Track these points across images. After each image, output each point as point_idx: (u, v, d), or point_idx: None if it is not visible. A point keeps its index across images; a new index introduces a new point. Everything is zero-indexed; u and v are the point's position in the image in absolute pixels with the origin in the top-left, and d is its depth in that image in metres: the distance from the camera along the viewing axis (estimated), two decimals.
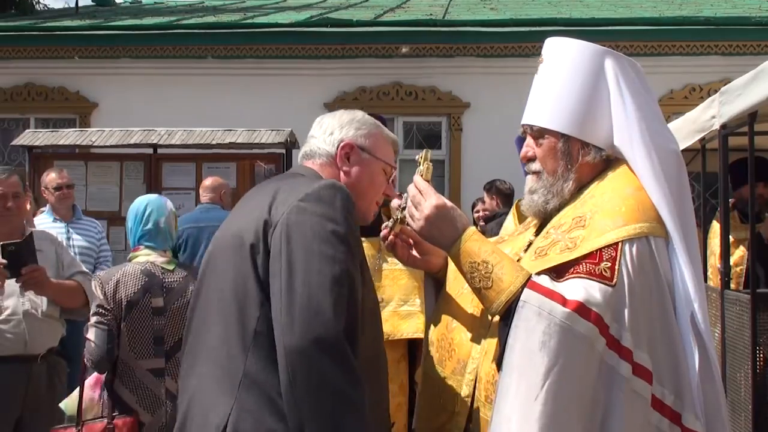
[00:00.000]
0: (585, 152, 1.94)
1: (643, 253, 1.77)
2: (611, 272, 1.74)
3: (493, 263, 1.81)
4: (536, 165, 1.99)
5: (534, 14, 10.07)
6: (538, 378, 1.68)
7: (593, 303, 1.70)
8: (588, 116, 1.93)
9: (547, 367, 1.68)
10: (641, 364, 1.72)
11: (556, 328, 1.69)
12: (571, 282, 1.75)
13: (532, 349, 1.70)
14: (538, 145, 1.98)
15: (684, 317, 1.80)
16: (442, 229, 1.90)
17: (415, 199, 1.94)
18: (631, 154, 1.89)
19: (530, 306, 1.73)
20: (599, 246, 1.76)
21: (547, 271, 1.80)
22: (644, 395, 1.73)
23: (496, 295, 1.79)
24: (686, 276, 1.80)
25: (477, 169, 8.52)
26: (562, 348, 1.68)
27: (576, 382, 1.69)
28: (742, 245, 5.27)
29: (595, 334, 1.70)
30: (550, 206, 1.96)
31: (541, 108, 1.98)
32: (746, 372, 4.30)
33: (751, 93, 4.10)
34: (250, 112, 8.74)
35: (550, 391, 1.67)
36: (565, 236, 1.84)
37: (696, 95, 8.70)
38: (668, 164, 1.87)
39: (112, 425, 3.13)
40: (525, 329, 1.72)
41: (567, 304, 1.70)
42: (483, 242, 1.88)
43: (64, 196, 5.45)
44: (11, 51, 9.67)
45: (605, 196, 1.87)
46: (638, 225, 1.79)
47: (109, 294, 3.20)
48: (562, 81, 1.96)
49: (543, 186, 1.97)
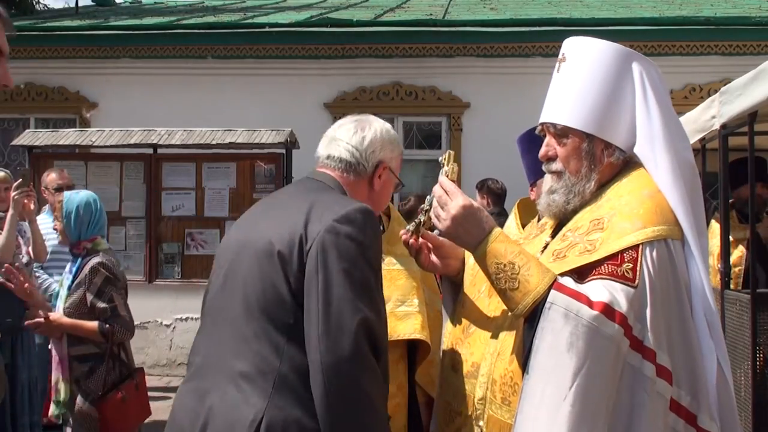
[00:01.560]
0: (609, 153, 1.93)
1: (662, 256, 1.78)
2: (633, 273, 1.75)
3: (520, 264, 1.81)
4: (557, 165, 1.97)
5: (534, 14, 10.07)
6: (567, 379, 1.68)
7: (618, 304, 1.71)
8: (612, 117, 1.92)
9: (576, 368, 1.68)
10: (663, 365, 1.73)
11: (584, 330, 1.69)
12: (594, 283, 1.75)
13: (559, 350, 1.70)
14: (561, 145, 1.96)
15: (701, 319, 1.81)
16: (469, 230, 1.90)
17: (442, 199, 1.95)
18: (652, 157, 1.89)
19: (557, 307, 1.73)
20: (620, 248, 1.77)
21: (569, 272, 1.80)
22: (666, 396, 1.74)
23: (522, 296, 1.79)
24: (702, 278, 1.82)
25: (477, 169, 8.50)
26: (589, 349, 1.69)
27: (604, 383, 1.70)
28: (740, 245, 5.27)
29: (621, 336, 1.70)
30: (571, 206, 1.95)
31: (564, 107, 1.96)
32: (746, 372, 4.30)
33: (751, 93, 4.10)
34: (250, 112, 8.74)
35: (579, 392, 1.67)
36: (584, 238, 1.84)
37: (696, 95, 8.70)
38: (686, 169, 1.88)
39: (125, 390, 3.63)
40: (552, 330, 1.73)
41: (593, 306, 1.70)
42: (509, 243, 1.88)
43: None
44: (11, 51, 9.59)
45: (623, 199, 1.86)
46: (657, 227, 1.79)
47: (120, 276, 3.75)
48: (587, 80, 1.94)
49: (564, 186, 1.95)
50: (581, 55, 1.98)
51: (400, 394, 2.75)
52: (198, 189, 7.56)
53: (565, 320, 1.71)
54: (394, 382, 2.73)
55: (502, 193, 6.53)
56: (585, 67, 1.95)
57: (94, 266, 3.65)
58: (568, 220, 1.97)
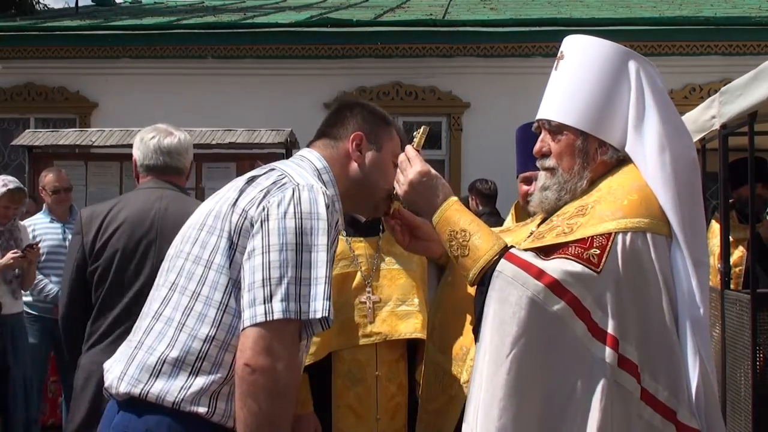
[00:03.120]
0: (602, 151, 1.93)
1: (637, 247, 1.77)
2: (599, 259, 1.74)
3: (471, 232, 1.84)
4: (551, 161, 1.98)
5: (534, 14, 10.07)
6: (505, 347, 1.70)
7: (570, 284, 1.71)
8: (607, 116, 1.92)
9: (515, 337, 1.70)
10: (626, 356, 1.72)
11: (528, 301, 1.70)
12: (554, 261, 1.76)
13: (503, 318, 1.72)
14: (555, 141, 1.97)
15: (683, 317, 1.80)
16: (425, 196, 1.93)
17: (402, 165, 1.98)
18: (642, 156, 1.89)
19: (504, 276, 1.74)
20: (593, 233, 1.77)
21: (536, 249, 1.80)
22: (628, 387, 1.73)
23: (473, 263, 1.81)
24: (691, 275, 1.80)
25: (477, 169, 8.50)
26: (531, 321, 1.70)
27: (542, 356, 1.70)
28: (741, 245, 5.27)
29: (570, 315, 1.70)
30: (562, 203, 1.96)
31: (560, 104, 1.97)
32: (746, 372, 4.30)
33: (751, 93, 4.10)
34: (250, 112, 8.74)
35: (515, 361, 1.69)
36: (564, 222, 1.85)
37: (696, 95, 8.70)
38: (683, 171, 1.86)
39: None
40: (498, 299, 1.74)
41: (542, 278, 1.71)
42: (463, 212, 1.91)
43: (62, 200, 5.39)
44: (11, 51, 9.67)
45: (611, 189, 1.87)
46: (638, 219, 1.79)
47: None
48: (584, 78, 1.94)
49: (557, 183, 1.96)
50: (579, 53, 1.98)
51: (400, 393, 2.76)
52: (198, 189, 7.55)
53: (511, 289, 1.72)
54: (394, 381, 2.75)
55: (491, 194, 6.47)
56: (582, 65, 1.96)
57: None
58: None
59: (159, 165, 2.96)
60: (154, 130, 3.03)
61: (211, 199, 1.93)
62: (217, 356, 1.76)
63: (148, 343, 1.81)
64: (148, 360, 1.79)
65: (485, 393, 1.71)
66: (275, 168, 1.90)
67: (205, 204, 1.93)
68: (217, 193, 1.92)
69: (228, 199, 1.83)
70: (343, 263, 2.73)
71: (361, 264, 2.76)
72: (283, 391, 1.68)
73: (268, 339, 1.66)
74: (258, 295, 1.68)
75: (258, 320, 1.66)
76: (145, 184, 2.96)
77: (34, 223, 5.31)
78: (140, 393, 1.77)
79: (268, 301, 1.67)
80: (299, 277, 1.70)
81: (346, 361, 2.67)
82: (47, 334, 5.16)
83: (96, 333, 2.83)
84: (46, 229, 5.29)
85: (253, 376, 1.66)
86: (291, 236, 1.71)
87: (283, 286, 1.68)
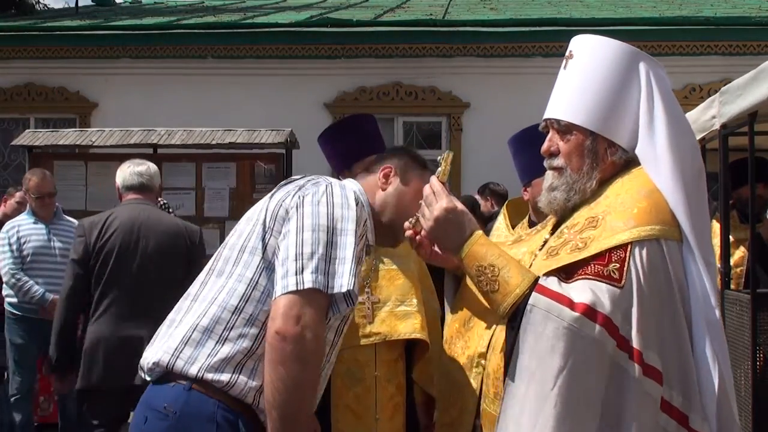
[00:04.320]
0: (612, 152, 1.93)
1: (653, 256, 1.77)
2: (620, 273, 1.74)
3: (500, 266, 1.82)
4: (559, 161, 1.97)
5: (534, 14, 10.07)
6: (549, 380, 1.69)
7: (601, 305, 1.70)
8: (617, 116, 1.92)
9: (557, 370, 1.69)
10: (651, 364, 1.72)
11: (565, 331, 1.69)
12: (579, 283, 1.75)
13: (541, 352, 1.71)
14: (564, 141, 1.95)
15: (698, 321, 1.80)
16: (450, 232, 1.91)
17: (428, 199, 1.96)
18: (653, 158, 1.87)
19: (538, 309, 1.73)
20: (608, 246, 1.76)
21: (555, 271, 1.79)
22: (654, 396, 1.73)
23: (503, 297, 1.80)
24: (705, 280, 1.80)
25: (477, 169, 8.51)
26: (571, 351, 1.69)
27: (586, 384, 1.70)
28: (742, 245, 5.26)
29: (605, 336, 1.70)
30: (571, 203, 1.95)
31: (569, 103, 1.96)
32: (746, 372, 4.30)
33: (751, 93, 4.10)
34: (250, 112, 8.74)
35: (561, 393, 1.68)
36: (577, 236, 1.83)
37: (696, 95, 8.70)
38: (693, 173, 1.87)
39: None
40: (534, 333, 1.73)
41: (575, 308, 1.70)
42: (490, 246, 1.88)
43: (45, 205, 5.29)
44: (11, 51, 9.67)
45: (619, 198, 1.86)
46: (650, 227, 1.78)
47: None
48: (593, 78, 1.93)
49: (565, 183, 1.95)
50: (589, 52, 1.97)
51: (398, 393, 2.76)
52: (198, 189, 7.55)
53: (547, 322, 1.71)
54: (393, 381, 2.75)
55: (505, 194, 6.57)
56: (592, 65, 1.94)
57: None
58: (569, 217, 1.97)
59: (135, 185, 4.07)
60: (130, 162, 4.17)
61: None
62: (244, 327, 1.89)
63: (185, 319, 1.98)
64: (181, 331, 1.95)
65: (529, 429, 1.71)
66: (313, 176, 2.08)
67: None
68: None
69: (268, 195, 2.03)
70: None
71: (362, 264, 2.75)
72: (311, 359, 1.80)
73: (299, 306, 1.79)
74: (291, 267, 1.83)
75: (290, 289, 1.81)
76: (128, 201, 4.06)
77: (18, 224, 5.26)
78: (168, 363, 1.91)
79: (300, 273, 1.82)
80: (329, 255, 1.85)
81: (346, 361, 2.65)
82: (34, 335, 5.10)
83: (99, 308, 3.86)
84: (31, 230, 5.24)
85: (283, 343, 1.78)
86: (324, 219, 1.88)
87: (314, 261, 1.83)
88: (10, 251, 5.13)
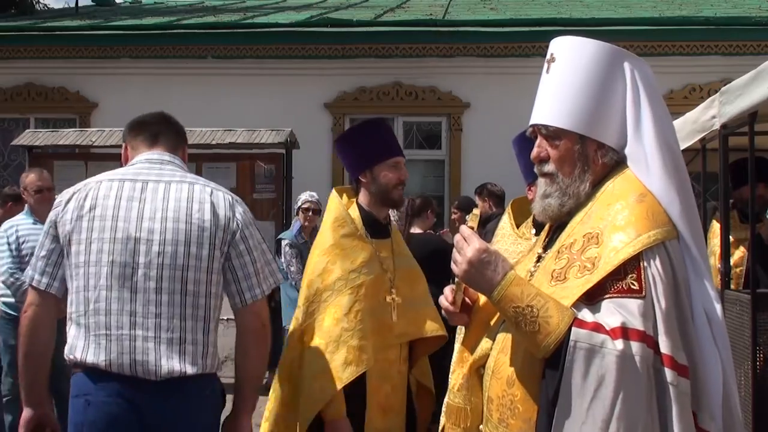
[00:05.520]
0: (602, 153, 1.92)
1: (663, 260, 1.77)
2: (639, 284, 1.74)
3: (538, 307, 1.79)
4: (550, 166, 1.95)
5: (534, 14, 10.07)
6: (606, 410, 1.68)
7: (631, 322, 1.71)
8: (604, 117, 1.91)
9: (613, 398, 1.68)
10: (683, 364, 1.74)
11: (612, 359, 1.69)
12: (605, 306, 1.75)
13: (591, 385, 1.71)
14: (553, 146, 1.94)
15: (700, 316, 1.80)
16: (484, 274, 1.86)
17: (459, 244, 1.92)
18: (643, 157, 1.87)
19: (582, 344, 1.72)
20: (620, 261, 1.75)
21: (578, 300, 1.79)
22: (689, 393, 1.75)
23: (544, 338, 1.77)
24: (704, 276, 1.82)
25: (477, 169, 8.52)
26: (621, 376, 1.69)
27: (642, 404, 1.70)
28: (741, 246, 5.26)
29: (645, 350, 1.71)
30: (566, 209, 1.94)
31: (555, 108, 1.94)
32: (746, 372, 4.30)
33: (751, 93, 4.09)
34: (250, 112, 8.74)
35: (622, 419, 1.68)
36: (581, 256, 1.82)
37: (696, 95, 8.69)
38: (681, 169, 1.87)
39: None
40: (579, 368, 1.72)
41: (612, 333, 1.71)
42: (525, 286, 1.85)
43: (44, 199, 5.20)
44: (11, 51, 9.67)
45: (612, 208, 1.84)
46: (652, 232, 1.78)
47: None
48: (577, 80, 1.91)
49: (558, 189, 1.94)
50: (571, 54, 1.95)
51: (419, 388, 2.89)
52: None
53: (592, 355, 1.71)
54: (408, 377, 2.89)
55: (503, 195, 6.57)
56: (575, 67, 1.92)
57: None
58: (565, 223, 1.96)
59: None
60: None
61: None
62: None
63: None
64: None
65: None
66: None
67: None
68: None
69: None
70: (374, 266, 2.79)
71: (387, 266, 2.85)
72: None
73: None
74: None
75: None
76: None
77: (16, 225, 5.23)
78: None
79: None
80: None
81: (379, 360, 2.74)
82: None
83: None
84: (30, 230, 5.21)
85: (263, 331, 2.47)
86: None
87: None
88: (8, 251, 5.12)
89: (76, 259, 2.40)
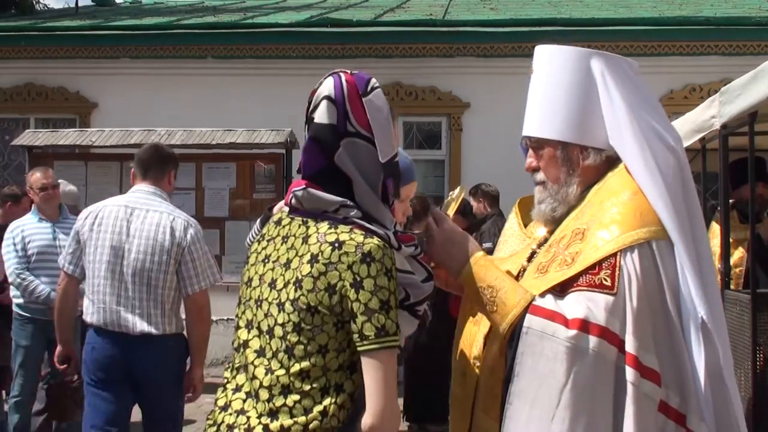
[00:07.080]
0: (585, 156, 1.94)
1: (644, 259, 1.76)
2: (611, 280, 1.74)
3: (498, 288, 1.83)
4: (540, 175, 2.01)
5: (534, 14, 10.07)
6: (552, 398, 1.69)
7: (595, 317, 1.71)
8: (583, 120, 1.93)
9: (560, 387, 1.69)
10: (649, 366, 1.72)
11: (563, 349, 1.70)
12: (572, 297, 1.75)
13: (541, 372, 1.71)
14: (539, 156, 2.00)
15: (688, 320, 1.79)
16: (452, 254, 1.95)
17: (430, 225, 2.01)
18: (623, 154, 1.89)
19: (534, 331, 1.74)
20: (597, 259, 1.76)
21: (551, 289, 1.80)
22: (653, 397, 1.72)
23: (501, 319, 1.81)
24: (689, 279, 1.78)
25: (477, 169, 8.51)
26: (571, 366, 1.69)
27: (591, 396, 1.70)
28: (741, 246, 5.26)
29: (605, 347, 1.70)
30: (558, 213, 1.98)
31: (536, 119, 2.01)
32: (746, 372, 4.30)
33: (751, 93, 4.10)
34: (250, 112, 8.74)
35: (566, 409, 1.68)
36: (565, 251, 1.84)
37: (696, 95, 8.69)
38: (666, 164, 1.85)
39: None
40: (531, 354, 1.73)
41: (570, 324, 1.71)
42: (489, 267, 1.90)
43: (50, 197, 5.28)
44: (11, 51, 9.67)
45: (603, 205, 1.85)
46: (635, 232, 1.77)
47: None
48: (552, 89, 1.97)
49: (549, 195, 1.99)
50: (545, 64, 2.02)
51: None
52: (198, 189, 7.56)
53: (543, 342, 1.72)
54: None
55: (497, 195, 6.57)
56: (549, 76, 1.98)
57: None
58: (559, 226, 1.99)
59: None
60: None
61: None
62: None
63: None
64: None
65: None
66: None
67: None
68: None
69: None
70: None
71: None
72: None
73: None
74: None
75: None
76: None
77: (23, 224, 5.25)
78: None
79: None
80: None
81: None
82: (41, 336, 5.08)
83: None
84: (35, 229, 5.23)
85: (202, 312, 3.84)
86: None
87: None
88: (14, 251, 5.13)
89: (87, 257, 3.77)
